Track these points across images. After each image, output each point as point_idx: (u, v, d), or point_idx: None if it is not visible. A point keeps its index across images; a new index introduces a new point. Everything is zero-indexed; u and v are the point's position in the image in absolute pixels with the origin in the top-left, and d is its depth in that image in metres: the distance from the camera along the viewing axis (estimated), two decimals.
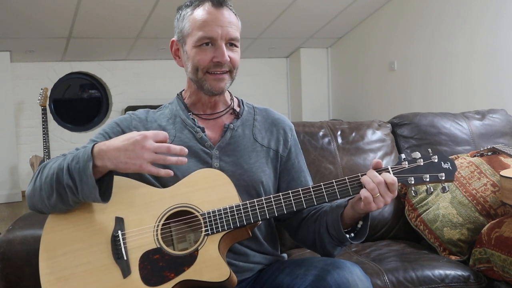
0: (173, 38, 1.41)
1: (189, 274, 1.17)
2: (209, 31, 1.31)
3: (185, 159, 1.18)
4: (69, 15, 4.75)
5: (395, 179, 1.21)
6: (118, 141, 1.17)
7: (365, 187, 1.20)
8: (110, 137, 1.33)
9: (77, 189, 1.17)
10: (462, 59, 4.68)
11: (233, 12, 1.37)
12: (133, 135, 1.16)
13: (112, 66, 6.31)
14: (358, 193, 1.22)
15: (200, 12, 1.33)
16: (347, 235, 1.29)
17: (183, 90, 1.47)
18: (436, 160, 1.24)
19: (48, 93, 5.43)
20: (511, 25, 4.17)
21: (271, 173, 1.42)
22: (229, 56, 1.32)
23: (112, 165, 1.16)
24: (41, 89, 5.28)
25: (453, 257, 1.81)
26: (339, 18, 5.75)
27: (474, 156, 2.03)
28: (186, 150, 1.18)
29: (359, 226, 1.31)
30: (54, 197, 1.20)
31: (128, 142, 1.15)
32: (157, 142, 1.15)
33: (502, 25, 4.23)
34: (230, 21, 1.33)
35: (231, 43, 1.34)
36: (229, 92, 1.47)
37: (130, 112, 1.43)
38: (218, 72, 1.33)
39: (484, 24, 4.41)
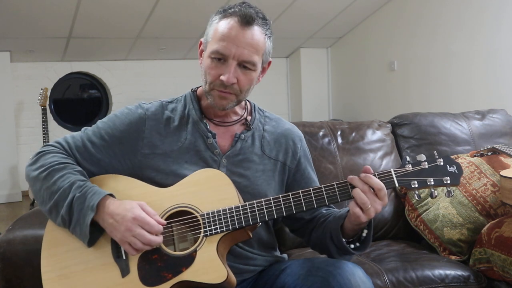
0: (201, 39, 1.36)
1: (187, 275, 1.17)
2: (223, 47, 1.25)
3: (159, 239, 1.18)
4: (69, 15, 4.75)
5: (382, 184, 1.17)
6: (117, 206, 1.18)
7: (356, 202, 1.19)
8: (119, 138, 1.31)
9: (70, 224, 1.20)
10: (462, 59, 4.68)
11: (265, 33, 1.30)
12: (131, 209, 1.17)
13: (112, 66, 6.31)
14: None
15: (223, 24, 1.27)
16: (352, 245, 1.28)
17: (198, 87, 1.41)
18: (441, 163, 1.19)
19: (48, 93, 5.43)
20: (511, 25, 4.17)
21: (276, 186, 1.40)
22: (237, 78, 1.27)
23: (102, 224, 1.20)
24: (41, 89, 5.29)
25: (453, 257, 1.81)
26: (339, 18, 5.75)
27: (474, 156, 2.03)
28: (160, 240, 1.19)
29: (364, 235, 1.29)
30: (46, 209, 1.24)
31: (121, 216, 1.17)
32: (147, 230, 1.16)
33: (502, 25, 4.23)
34: (250, 42, 1.26)
35: (244, 65, 1.28)
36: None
37: (144, 106, 1.36)
38: (223, 91, 1.28)
39: (484, 24, 4.41)
